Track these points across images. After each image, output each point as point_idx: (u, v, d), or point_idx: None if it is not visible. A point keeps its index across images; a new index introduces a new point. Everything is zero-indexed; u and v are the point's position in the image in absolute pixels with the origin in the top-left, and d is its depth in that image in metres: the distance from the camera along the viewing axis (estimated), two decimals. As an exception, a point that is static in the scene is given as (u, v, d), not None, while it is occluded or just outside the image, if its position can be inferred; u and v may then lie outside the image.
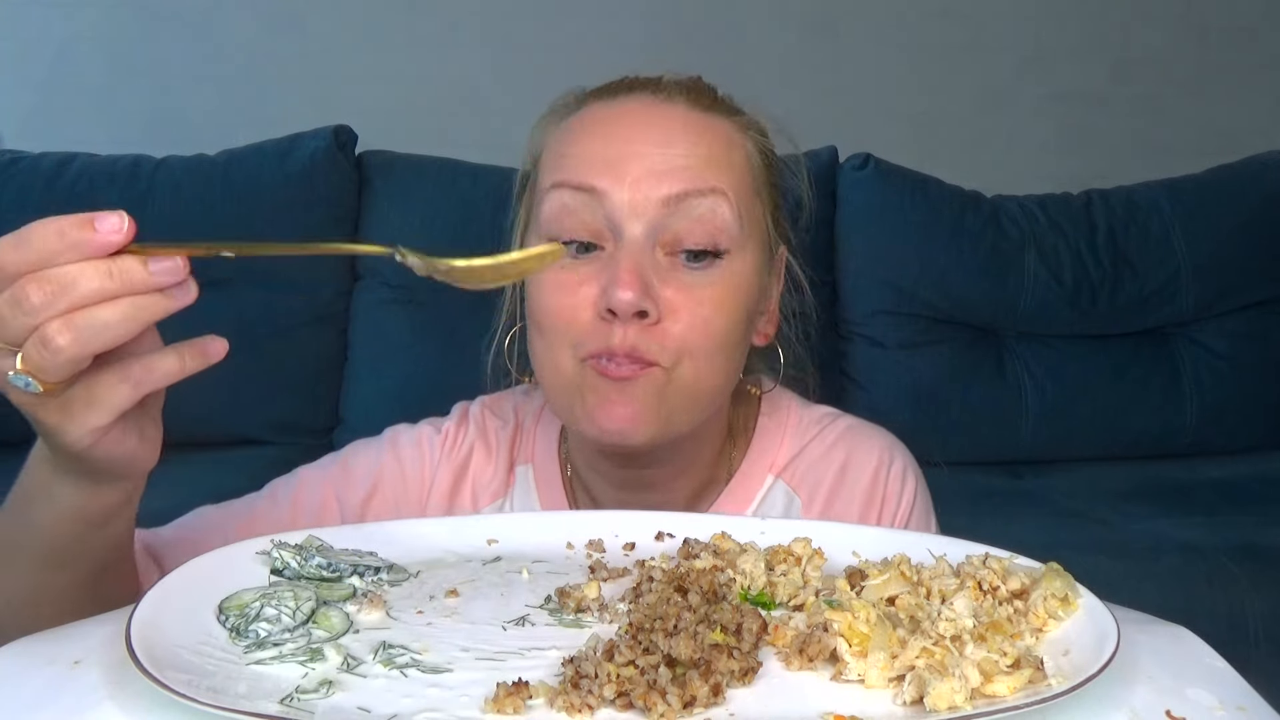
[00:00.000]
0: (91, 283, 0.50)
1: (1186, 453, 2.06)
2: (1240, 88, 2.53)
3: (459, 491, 0.88)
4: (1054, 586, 0.55)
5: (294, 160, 2.00)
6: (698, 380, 0.77)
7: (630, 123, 0.78)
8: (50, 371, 0.51)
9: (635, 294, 0.72)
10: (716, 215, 0.75)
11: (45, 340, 0.50)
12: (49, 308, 0.50)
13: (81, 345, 0.50)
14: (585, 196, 0.76)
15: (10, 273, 0.50)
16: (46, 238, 0.50)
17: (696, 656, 0.48)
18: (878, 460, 0.88)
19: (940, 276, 2.04)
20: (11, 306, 0.50)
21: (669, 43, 2.37)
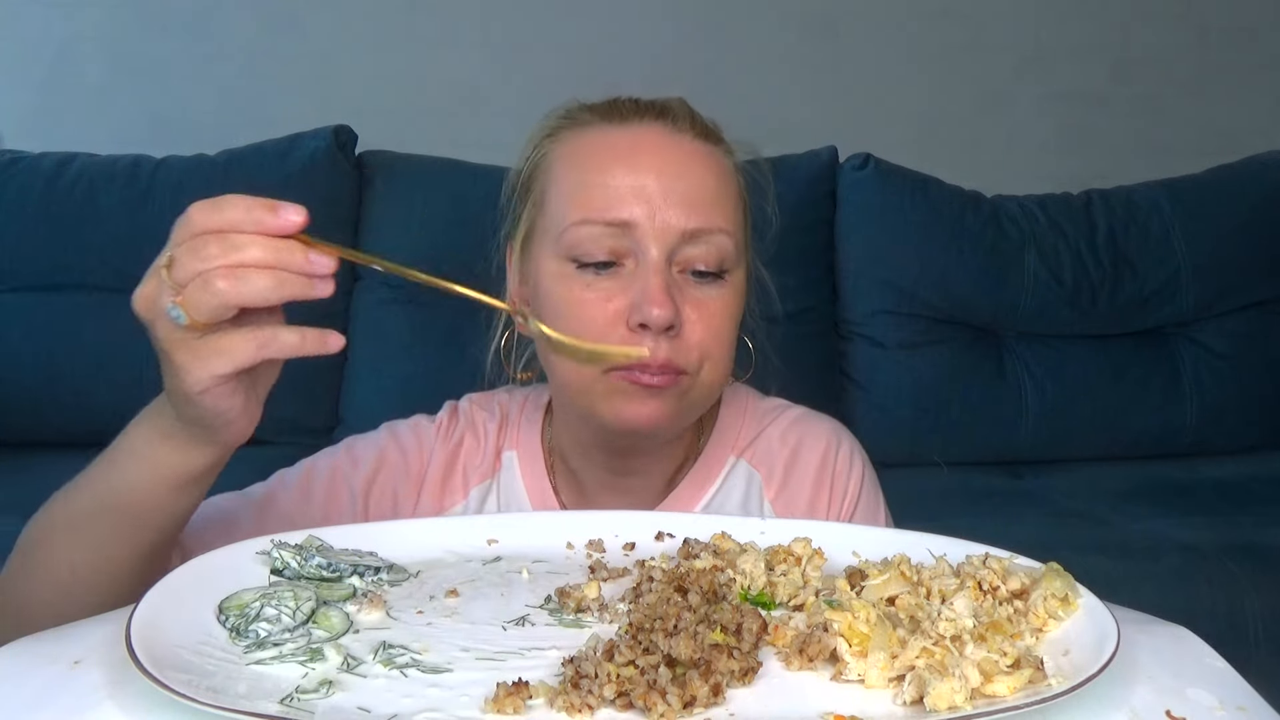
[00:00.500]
0: (258, 251, 0.61)
1: (1186, 453, 2.06)
2: (1240, 88, 2.53)
3: (452, 473, 0.95)
4: (1054, 586, 0.55)
5: (294, 160, 2.00)
6: (713, 380, 0.87)
7: (649, 151, 0.86)
8: (201, 310, 0.60)
9: (669, 312, 0.81)
10: (722, 247, 0.85)
11: (207, 282, 0.60)
12: (219, 259, 0.60)
13: (235, 294, 0.60)
14: (618, 230, 0.83)
15: (197, 229, 0.61)
16: (236, 208, 0.62)
17: (696, 656, 0.48)
18: (826, 443, 0.97)
19: (940, 276, 2.04)
20: (190, 253, 0.60)
21: (669, 43, 2.37)
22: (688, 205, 0.84)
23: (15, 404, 1.86)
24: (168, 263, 0.62)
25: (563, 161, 0.89)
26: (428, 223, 2.02)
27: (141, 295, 0.63)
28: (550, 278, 0.86)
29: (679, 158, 0.86)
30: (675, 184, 0.84)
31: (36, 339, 1.89)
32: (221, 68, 2.35)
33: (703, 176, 0.86)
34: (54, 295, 1.92)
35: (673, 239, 0.83)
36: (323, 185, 2.00)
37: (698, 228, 0.84)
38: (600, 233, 0.83)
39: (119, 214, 1.93)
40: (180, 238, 0.62)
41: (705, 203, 0.85)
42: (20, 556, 0.74)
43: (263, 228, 0.61)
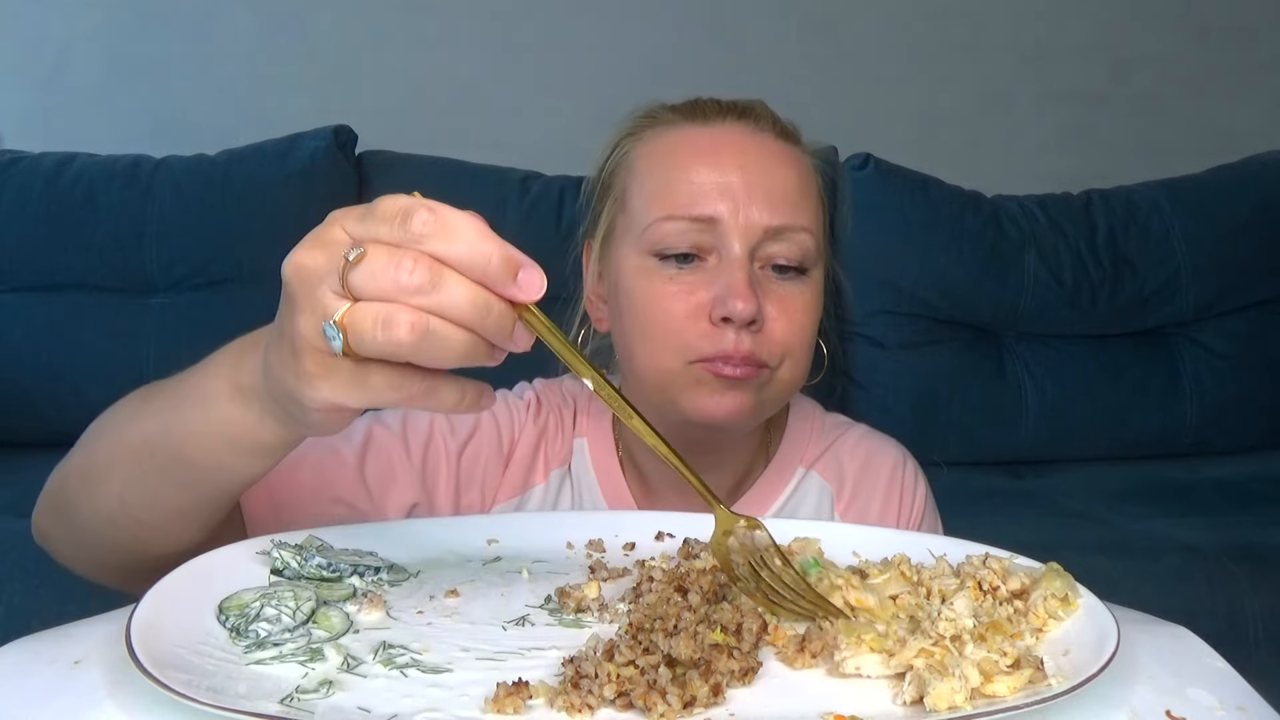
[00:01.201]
0: (466, 308, 0.48)
1: (1186, 453, 2.06)
2: (1240, 88, 2.53)
3: (538, 452, 0.94)
4: (1054, 586, 0.55)
5: (294, 160, 2.00)
6: (793, 377, 0.88)
7: (733, 150, 0.87)
8: (365, 345, 0.48)
9: (753, 306, 0.81)
10: (804, 244, 0.86)
11: (390, 321, 0.47)
12: (415, 297, 0.47)
13: (413, 352, 0.48)
14: (703, 225, 0.84)
15: (411, 239, 0.48)
16: (475, 252, 0.48)
17: (696, 656, 0.48)
18: (893, 461, 0.99)
19: (940, 276, 2.04)
20: (387, 267, 0.47)
21: (669, 43, 2.37)
22: (771, 202, 0.85)
23: (15, 404, 1.86)
24: (355, 256, 0.48)
25: (645, 160, 0.90)
26: (427, 223, 2.02)
27: (298, 265, 0.51)
28: (631, 273, 0.87)
29: (761, 156, 0.87)
30: (759, 180, 0.85)
31: (36, 339, 1.89)
32: (221, 68, 2.35)
33: (785, 174, 0.87)
34: (54, 295, 1.92)
35: (756, 235, 0.84)
36: (323, 185, 2.00)
37: (781, 224, 0.85)
38: (685, 228, 0.84)
39: (119, 214, 1.93)
40: (385, 231, 0.49)
41: (788, 200, 0.86)
42: (81, 459, 0.68)
43: (488, 282, 0.49)
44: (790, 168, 0.88)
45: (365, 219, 0.49)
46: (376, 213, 0.49)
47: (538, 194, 2.02)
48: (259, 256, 1.93)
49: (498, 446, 0.92)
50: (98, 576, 0.74)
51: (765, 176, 0.86)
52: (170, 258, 1.94)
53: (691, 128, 0.90)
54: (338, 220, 0.51)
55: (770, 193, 0.85)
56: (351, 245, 0.49)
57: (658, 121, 0.92)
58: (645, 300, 0.86)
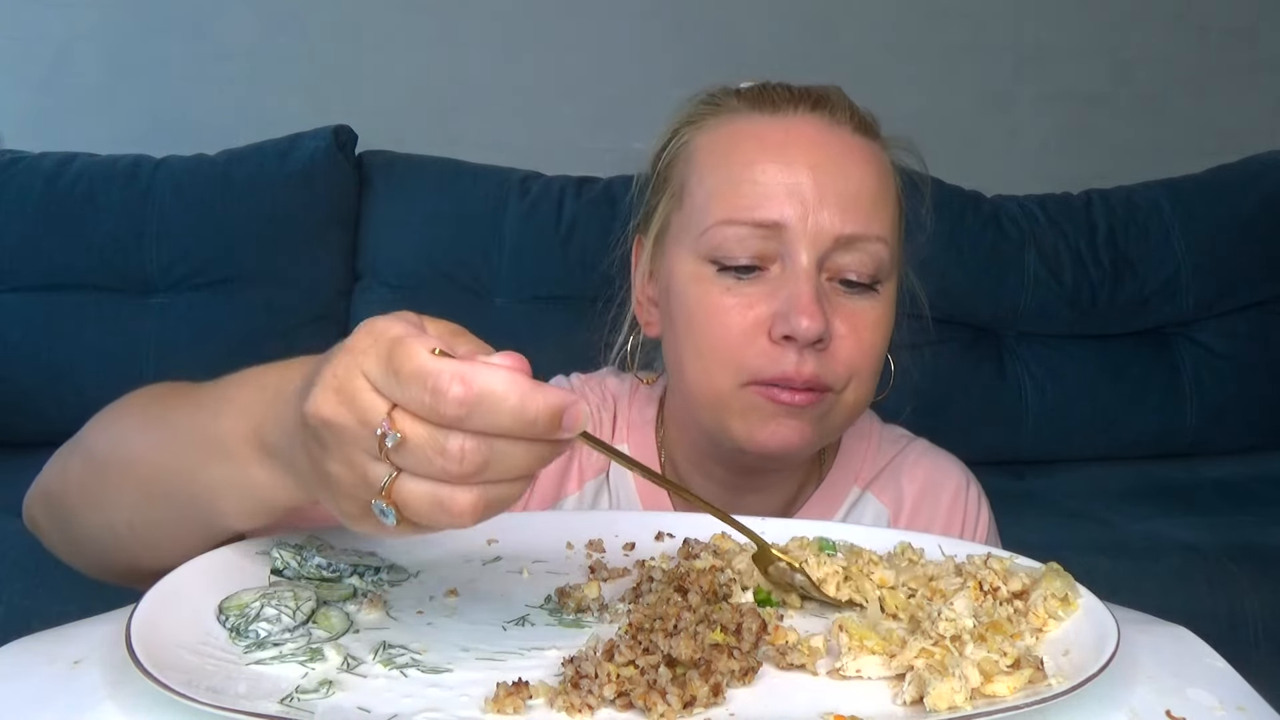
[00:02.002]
0: (522, 466, 0.45)
1: (1186, 453, 2.06)
2: (1240, 88, 2.53)
3: (571, 461, 0.87)
4: (1054, 586, 0.55)
5: (294, 160, 2.00)
6: (858, 401, 0.80)
7: (804, 146, 0.79)
8: (426, 521, 0.45)
9: (819, 324, 0.74)
10: (878, 256, 0.78)
11: (451, 505, 0.44)
12: (477, 476, 0.44)
13: (480, 520, 0.45)
14: (766, 231, 0.77)
15: (453, 422, 0.43)
16: (520, 423, 0.43)
17: (696, 656, 0.48)
18: (956, 482, 0.92)
19: (940, 276, 2.03)
20: (438, 453, 0.43)
21: (668, 43, 2.37)
22: (844, 207, 0.77)
23: (15, 404, 1.86)
24: (394, 443, 0.43)
25: (706, 152, 0.82)
26: (428, 223, 2.02)
27: (325, 420, 0.45)
28: (686, 279, 0.79)
29: (836, 153, 0.79)
30: (832, 183, 0.77)
31: (36, 339, 1.89)
32: (221, 68, 2.35)
33: (861, 176, 0.79)
34: (54, 295, 1.92)
35: (825, 244, 0.76)
36: (323, 185, 2.00)
37: (854, 233, 0.77)
38: (746, 234, 0.77)
39: (119, 214, 1.93)
40: (416, 401, 0.43)
41: (863, 206, 0.78)
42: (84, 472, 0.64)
43: (537, 437, 0.44)
44: (868, 167, 0.80)
45: (390, 378, 0.44)
46: (404, 374, 0.43)
47: (538, 194, 2.02)
48: (259, 256, 1.93)
49: None
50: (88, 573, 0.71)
51: (840, 178, 0.78)
52: (170, 258, 1.94)
53: (760, 118, 0.81)
54: (355, 364, 0.45)
55: (843, 196, 0.77)
56: (383, 415, 0.44)
57: (722, 109, 0.83)
58: (699, 312, 0.78)
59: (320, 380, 0.46)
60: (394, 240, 2.02)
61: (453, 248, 2.01)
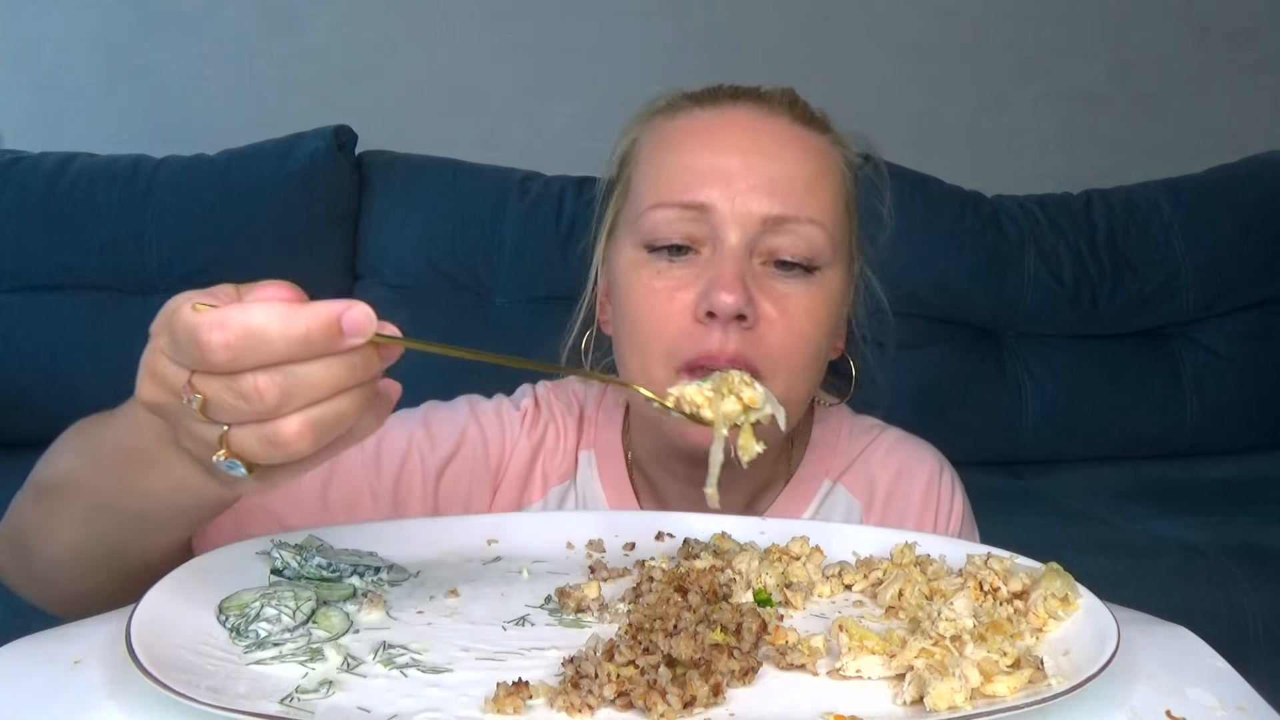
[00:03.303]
0: (334, 380, 0.46)
1: (1186, 453, 2.06)
2: (1240, 88, 2.53)
3: (533, 469, 0.88)
4: (1054, 586, 0.55)
5: (294, 160, 2.00)
6: (789, 393, 0.77)
7: (735, 132, 0.80)
8: (267, 461, 0.47)
9: (738, 297, 0.73)
10: (811, 238, 0.78)
11: (276, 439, 0.46)
12: (285, 406, 0.45)
13: (317, 444, 0.47)
14: (694, 213, 0.77)
15: (237, 364, 0.44)
16: (291, 342, 0.44)
17: (696, 656, 0.48)
18: (929, 470, 0.91)
19: (940, 276, 2.04)
20: (238, 398, 0.45)
21: (669, 43, 2.37)
22: (772, 190, 0.77)
23: (15, 404, 1.86)
24: (198, 405, 0.46)
25: (650, 147, 0.83)
26: (428, 223, 2.02)
27: (151, 404, 0.49)
28: (625, 268, 0.80)
29: (769, 140, 0.79)
30: (762, 167, 0.77)
31: (36, 339, 1.89)
32: (221, 68, 2.35)
33: (794, 161, 0.79)
34: (54, 295, 1.92)
35: (754, 225, 0.76)
36: (323, 185, 2.00)
37: (783, 214, 0.77)
38: (675, 216, 0.77)
39: (119, 214, 1.93)
40: (196, 360, 0.45)
41: (796, 189, 0.78)
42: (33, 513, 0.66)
43: (331, 353, 0.45)
44: (802, 154, 0.80)
45: (175, 346, 0.46)
46: (179, 339, 0.45)
47: (538, 194, 2.02)
48: (259, 256, 1.93)
49: (485, 465, 0.85)
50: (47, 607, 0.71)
51: (771, 162, 0.78)
52: (170, 258, 1.94)
53: (700, 111, 0.83)
54: (156, 344, 0.48)
55: (774, 180, 0.77)
56: (183, 383, 0.46)
57: (669, 108, 0.85)
58: (633, 298, 0.79)
59: (140, 369, 0.49)
60: (394, 240, 2.02)
61: (453, 248, 2.01)
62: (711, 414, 0.60)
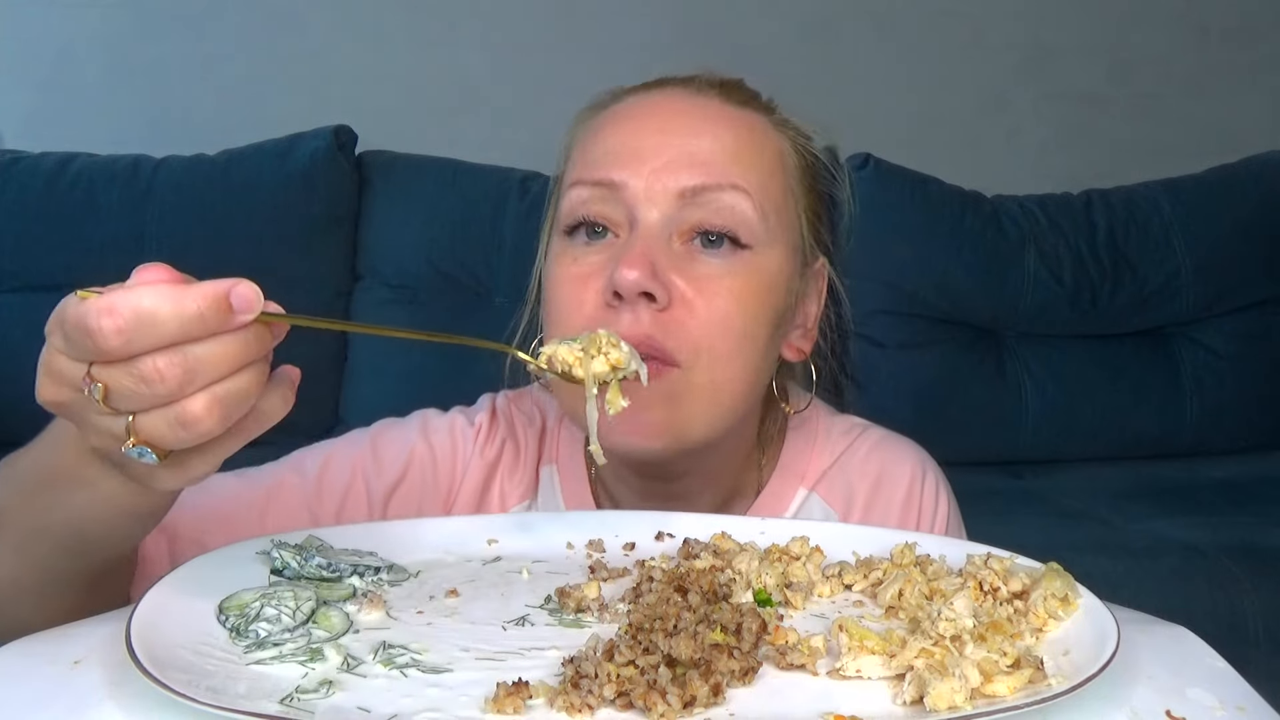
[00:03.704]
0: (232, 356, 0.46)
1: (1186, 453, 2.06)
2: (1240, 88, 2.53)
3: (489, 490, 0.84)
4: (1054, 586, 0.55)
5: (294, 160, 2.00)
6: (715, 384, 0.73)
7: (657, 114, 0.76)
8: (178, 444, 0.48)
9: (640, 273, 0.68)
10: (736, 209, 0.72)
11: (185, 418, 0.46)
12: (187, 386, 0.45)
13: (226, 421, 0.47)
14: (605, 191, 0.73)
15: (130, 349, 0.45)
16: (184, 320, 0.45)
17: (696, 656, 0.48)
18: (910, 474, 0.85)
19: (940, 276, 2.04)
20: (139, 383, 0.45)
21: (669, 43, 2.37)
22: (692, 162, 0.72)
23: (15, 404, 1.86)
24: (100, 394, 0.46)
25: (579, 140, 0.80)
26: (428, 223, 2.02)
27: (52, 404, 0.50)
28: (549, 259, 0.76)
29: (694, 118, 0.75)
30: (680, 142, 0.73)
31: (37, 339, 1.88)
32: (221, 68, 2.35)
33: (717, 134, 0.74)
34: (54, 295, 1.86)
35: (669, 201, 0.71)
36: (323, 185, 2.00)
37: (700, 184, 0.71)
38: (587, 194, 0.73)
39: (119, 214, 1.93)
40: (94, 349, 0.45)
41: (717, 160, 0.73)
42: None
43: (215, 329, 0.46)
44: (730, 129, 0.75)
45: (68, 340, 0.46)
46: (69, 331, 0.46)
47: (538, 194, 2.02)
48: (259, 256, 1.93)
49: (435, 488, 0.81)
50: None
51: (689, 137, 0.73)
52: (170, 258, 1.90)
53: (629, 98, 0.80)
54: (50, 343, 0.49)
55: (693, 153, 0.72)
56: (81, 375, 0.47)
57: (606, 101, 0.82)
58: (550, 287, 0.75)
59: (38, 371, 0.49)
60: (394, 240, 2.02)
61: (453, 248, 2.01)
62: (581, 372, 0.60)
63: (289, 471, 0.79)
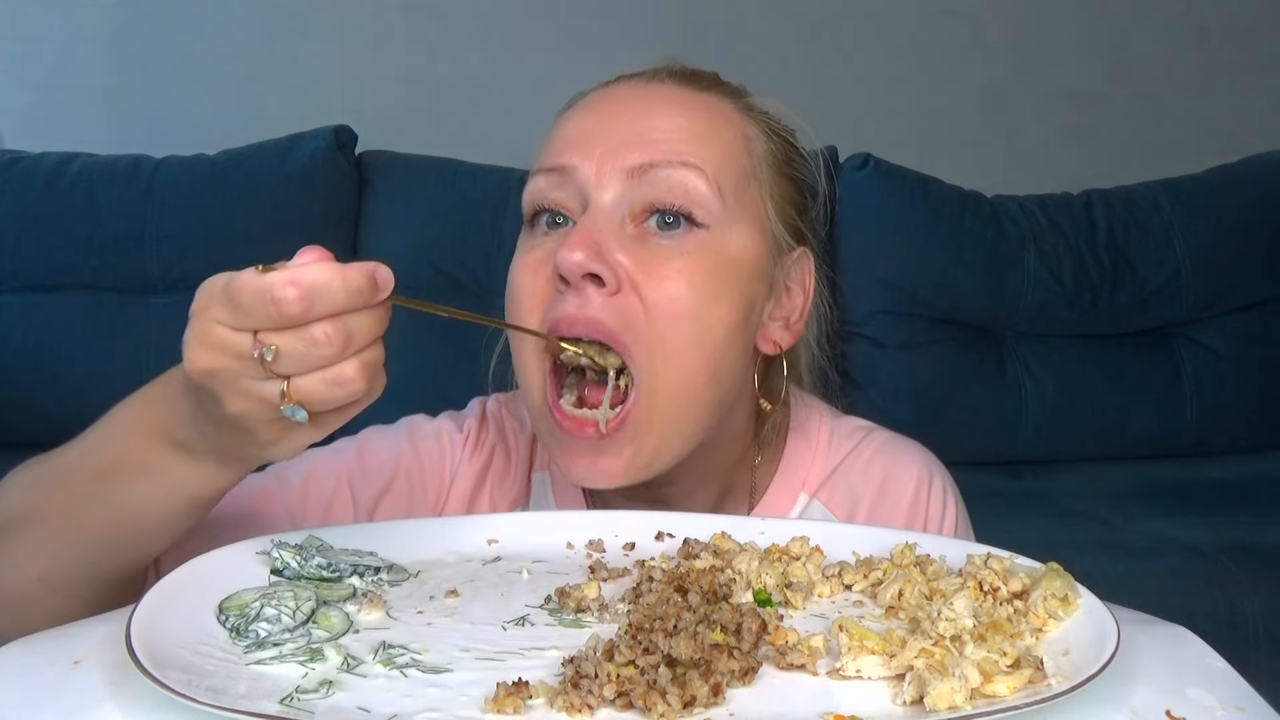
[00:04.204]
0: (373, 330, 0.53)
1: (1186, 453, 2.06)
2: (1240, 88, 2.53)
3: (479, 496, 0.82)
4: (1054, 586, 0.55)
5: (294, 160, 2.00)
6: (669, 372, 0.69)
7: (610, 101, 0.76)
8: (332, 404, 0.53)
9: (584, 254, 0.67)
10: (688, 186, 0.70)
11: (340, 379, 0.52)
12: (345, 351, 0.52)
13: (369, 382, 0.53)
14: (557, 176, 0.73)
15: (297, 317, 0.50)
16: (350, 292, 0.51)
17: (696, 656, 0.48)
18: (917, 480, 0.82)
19: (940, 276, 2.04)
20: (307, 351, 0.51)
21: (669, 43, 2.35)
22: (638, 142, 0.70)
23: (15, 404, 1.86)
24: (271, 355, 0.51)
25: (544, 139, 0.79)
26: (427, 223, 2.02)
27: (207, 371, 0.52)
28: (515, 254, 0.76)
29: (645, 102, 0.74)
30: (630, 124, 0.72)
31: (36, 339, 1.89)
32: (221, 68, 2.35)
33: (669, 113, 0.72)
34: (54, 295, 1.92)
35: (619, 180, 0.70)
36: (323, 185, 2.00)
37: (648, 161, 0.70)
38: (543, 183, 0.73)
39: (119, 214, 1.93)
40: (266, 317, 0.50)
41: (666, 137, 0.71)
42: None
43: (370, 302, 0.52)
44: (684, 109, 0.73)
45: (238, 311, 0.51)
46: (246, 303, 0.51)
47: (538, 194, 2.02)
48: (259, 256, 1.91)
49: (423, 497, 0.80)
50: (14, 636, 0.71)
51: (640, 118, 0.72)
52: (170, 258, 1.94)
53: (590, 93, 0.79)
54: (207, 316, 0.52)
55: (643, 133, 0.71)
56: (250, 342, 0.51)
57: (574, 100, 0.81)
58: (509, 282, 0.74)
59: (187, 346, 0.53)
60: (394, 240, 2.02)
61: (453, 248, 2.01)
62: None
63: (273, 484, 0.78)
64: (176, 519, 0.62)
